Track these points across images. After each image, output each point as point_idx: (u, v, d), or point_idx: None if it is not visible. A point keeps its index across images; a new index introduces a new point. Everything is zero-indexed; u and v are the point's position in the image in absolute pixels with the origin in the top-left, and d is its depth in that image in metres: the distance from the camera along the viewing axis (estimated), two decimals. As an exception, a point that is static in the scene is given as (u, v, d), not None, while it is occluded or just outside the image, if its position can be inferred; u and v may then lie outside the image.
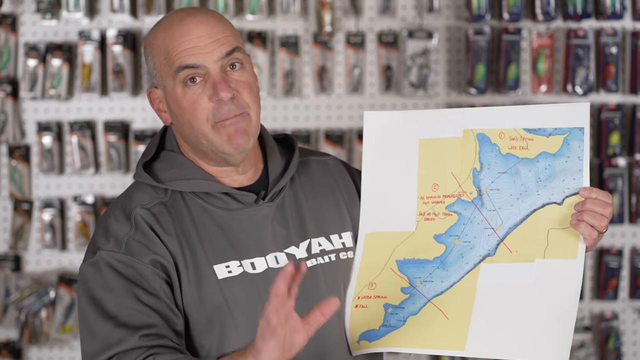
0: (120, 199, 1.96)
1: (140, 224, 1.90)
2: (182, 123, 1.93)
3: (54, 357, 4.06)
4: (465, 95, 4.03)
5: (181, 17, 1.92)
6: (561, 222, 1.92)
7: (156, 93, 1.96)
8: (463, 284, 1.94)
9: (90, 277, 1.88)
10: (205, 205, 1.94)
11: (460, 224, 1.96)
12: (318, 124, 4.01)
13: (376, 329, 1.97)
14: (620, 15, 3.97)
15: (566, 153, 1.93)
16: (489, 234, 1.95)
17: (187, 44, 1.89)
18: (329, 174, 2.09)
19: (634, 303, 4.07)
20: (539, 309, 1.91)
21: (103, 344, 1.84)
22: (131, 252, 1.88)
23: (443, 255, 1.96)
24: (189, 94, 1.90)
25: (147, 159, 1.99)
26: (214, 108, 1.89)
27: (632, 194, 4.02)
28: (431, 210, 1.98)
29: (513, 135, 1.96)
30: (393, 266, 1.99)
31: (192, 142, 1.94)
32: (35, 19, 4.02)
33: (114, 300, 1.85)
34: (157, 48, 1.93)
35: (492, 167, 1.96)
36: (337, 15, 4.01)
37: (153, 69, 1.95)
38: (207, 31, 1.90)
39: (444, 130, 1.99)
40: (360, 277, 2.00)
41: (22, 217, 4.02)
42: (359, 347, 1.98)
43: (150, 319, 1.84)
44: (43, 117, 4.03)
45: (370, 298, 1.99)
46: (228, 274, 1.90)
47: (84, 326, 1.88)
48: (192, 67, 1.89)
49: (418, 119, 2.02)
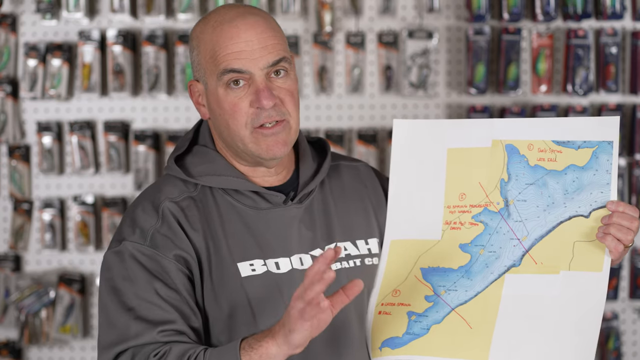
0: (149, 191, 1.97)
1: (168, 217, 1.90)
2: (220, 122, 1.93)
3: (54, 357, 4.06)
4: (465, 96, 4.03)
5: (232, 17, 1.91)
6: (587, 234, 1.92)
7: (197, 87, 1.96)
8: (487, 293, 1.95)
9: (114, 266, 1.89)
10: (233, 203, 1.94)
11: (486, 234, 1.96)
12: (318, 124, 4.01)
13: (399, 337, 1.97)
14: (620, 15, 3.97)
15: (594, 166, 1.94)
16: (515, 245, 1.95)
17: (235, 47, 1.89)
18: (359, 179, 2.10)
19: (634, 303, 4.07)
20: (563, 321, 1.91)
21: (120, 335, 1.85)
22: (156, 245, 1.88)
23: (468, 265, 1.97)
24: (231, 96, 1.90)
25: (179, 153, 2.00)
26: (254, 113, 1.90)
27: (632, 194, 4.02)
28: (457, 219, 1.99)
29: (542, 147, 1.96)
30: (417, 274, 1.99)
31: (228, 141, 1.95)
32: (35, 19, 4.02)
33: (135, 292, 1.86)
34: (204, 44, 1.92)
35: (520, 178, 1.96)
36: (337, 15, 4.01)
37: (197, 63, 1.94)
38: (256, 36, 1.90)
39: (473, 140, 2.00)
40: (385, 283, 2.00)
41: (22, 217, 4.02)
42: (381, 353, 1.97)
43: (169, 315, 1.85)
44: (43, 117, 4.03)
45: (394, 305, 1.99)
46: (252, 272, 1.90)
47: (102, 315, 1.90)
48: (238, 72, 1.89)
49: (447, 128, 2.03)
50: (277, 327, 1.75)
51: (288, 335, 1.73)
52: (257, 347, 1.76)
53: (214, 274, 1.90)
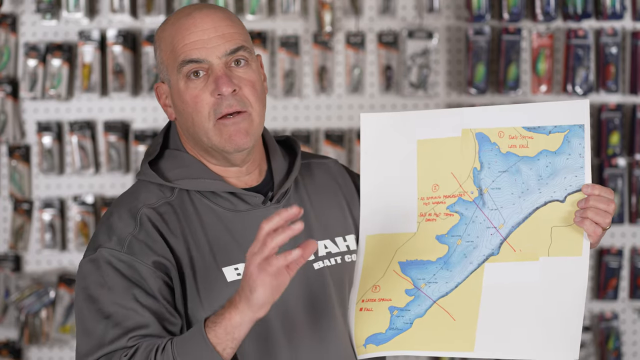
0: (125, 198, 1.94)
1: (146, 224, 1.87)
2: (186, 119, 1.91)
3: (54, 357, 4.06)
4: (465, 96, 4.03)
5: (189, 11, 1.91)
6: (564, 219, 1.92)
7: (162, 88, 1.95)
8: (468, 284, 1.94)
9: (89, 274, 1.86)
10: (212, 206, 1.92)
11: (462, 224, 1.95)
12: (318, 124, 4.01)
13: (383, 332, 1.96)
14: (620, 15, 3.97)
15: (567, 150, 1.93)
16: (492, 233, 1.94)
17: (191, 37, 1.88)
18: (331, 176, 2.08)
19: (634, 303, 4.07)
20: (546, 307, 1.91)
21: (96, 343, 1.82)
22: (133, 251, 1.85)
23: (446, 256, 1.96)
24: (192, 88, 1.89)
25: (151, 158, 1.97)
26: (215, 103, 1.88)
27: (632, 194, 4.02)
28: (432, 210, 1.98)
29: (512, 134, 1.95)
30: (396, 268, 1.98)
31: (195, 138, 1.93)
32: (35, 19, 4.02)
33: (111, 299, 1.83)
34: (164, 42, 1.92)
35: (493, 166, 1.95)
36: (337, 15, 4.01)
37: (160, 63, 1.94)
38: (212, 24, 1.89)
39: (442, 131, 1.98)
40: (364, 280, 1.99)
41: (22, 217, 4.02)
42: (366, 350, 1.97)
43: (145, 320, 1.82)
44: (43, 117, 4.03)
45: (375, 301, 1.98)
46: (237, 276, 1.88)
47: (79, 324, 1.87)
48: (196, 62, 1.88)
49: (415, 120, 2.00)
50: (236, 295, 1.71)
51: (249, 297, 1.68)
52: (220, 320, 1.72)
53: (198, 280, 1.87)
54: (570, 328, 1.90)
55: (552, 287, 1.91)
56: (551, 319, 1.90)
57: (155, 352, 1.76)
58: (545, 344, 1.89)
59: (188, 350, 1.73)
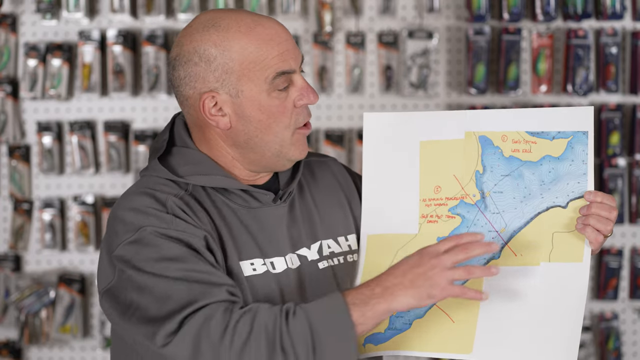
0: (140, 192, 1.87)
1: (176, 210, 1.83)
2: (254, 129, 1.87)
3: (54, 357, 4.06)
4: (465, 96, 4.03)
5: (259, 21, 1.87)
6: (566, 225, 1.92)
7: (217, 98, 1.87)
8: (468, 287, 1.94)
9: (138, 253, 1.78)
10: (227, 202, 1.90)
11: (463, 227, 1.95)
12: (318, 124, 4.01)
13: (382, 332, 1.95)
14: (620, 15, 3.97)
15: (570, 156, 1.93)
16: (493, 237, 1.94)
17: (280, 48, 1.86)
18: (331, 174, 2.08)
19: (634, 303, 4.07)
20: (545, 313, 1.90)
21: (182, 301, 1.73)
22: (180, 228, 1.80)
23: None
24: (277, 99, 1.86)
25: (159, 154, 1.93)
26: (297, 113, 1.88)
27: (632, 194, 4.02)
28: (434, 212, 1.97)
29: (516, 138, 1.95)
30: None
31: (254, 147, 1.89)
32: (35, 19, 4.02)
33: (178, 267, 1.76)
34: (237, 51, 1.85)
35: (495, 169, 1.95)
36: (337, 15, 4.01)
37: (223, 72, 1.85)
38: (287, 34, 1.88)
39: (446, 133, 1.98)
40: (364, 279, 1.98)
41: (22, 217, 4.02)
42: (365, 350, 1.96)
43: (226, 279, 1.77)
44: (43, 117, 4.03)
45: None
46: (253, 271, 1.87)
47: (145, 297, 1.75)
48: (288, 73, 1.87)
49: (419, 121, 2.00)
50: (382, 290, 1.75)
51: (392, 300, 1.74)
52: (373, 303, 1.75)
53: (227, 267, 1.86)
54: (568, 333, 1.89)
55: (552, 292, 1.90)
56: (550, 324, 1.89)
57: (285, 313, 1.73)
58: (542, 349, 1.89)
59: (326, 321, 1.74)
